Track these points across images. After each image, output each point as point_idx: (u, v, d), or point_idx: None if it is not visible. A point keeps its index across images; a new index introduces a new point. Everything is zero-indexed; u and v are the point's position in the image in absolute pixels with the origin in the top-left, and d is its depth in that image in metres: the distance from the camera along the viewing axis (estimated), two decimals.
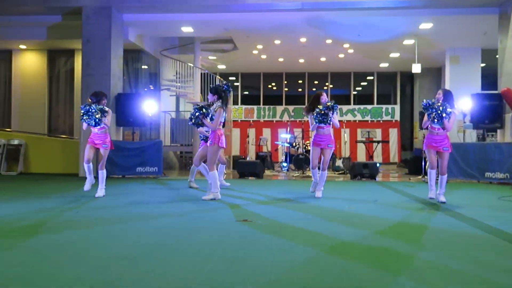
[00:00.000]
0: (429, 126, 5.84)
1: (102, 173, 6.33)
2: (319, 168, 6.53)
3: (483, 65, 14.00)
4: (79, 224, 4.17)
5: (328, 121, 6.20)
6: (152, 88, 14.12)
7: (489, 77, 13.88)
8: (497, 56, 10.16)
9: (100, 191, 6.29)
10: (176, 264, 2.75)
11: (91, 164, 6.31)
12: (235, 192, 7.26)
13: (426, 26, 11.45)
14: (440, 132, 5.77)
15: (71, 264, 2.73)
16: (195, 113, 6.01)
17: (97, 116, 6.10)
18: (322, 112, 6.14)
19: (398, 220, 4.54)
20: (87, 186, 6.28)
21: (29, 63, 13.94)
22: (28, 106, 13.74)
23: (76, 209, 5.13)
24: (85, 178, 6.37)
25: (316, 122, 6.22)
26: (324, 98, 6.33)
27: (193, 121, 6.04)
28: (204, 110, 6.01)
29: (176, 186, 7.99)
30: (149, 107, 10.42)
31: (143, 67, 13.61)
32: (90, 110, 6.09)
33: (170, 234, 3.71)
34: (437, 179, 5.84)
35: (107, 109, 6.29)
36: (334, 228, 4.03)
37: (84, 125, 6.23)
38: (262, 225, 4.15)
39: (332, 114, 6.18)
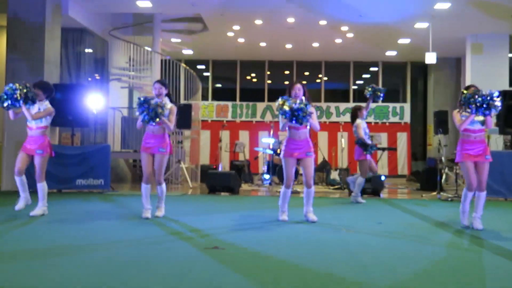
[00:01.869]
0: (463, 128, 5.67)
1: (41, 186, 6.33)
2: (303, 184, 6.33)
3: (511, 55, 14.31)
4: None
5: (306, 121, 5.73)
6: (98, 78, 13.94)
7: None
8: None
9: (39, 209, 6.32)
10: None
11: (23, 177, 6.30)
12: (204, 211, 7.23)
13: (443, 6, 11.63)
14: (478, 135, 5.69)
15: None
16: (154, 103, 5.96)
17: (24, 90, 6.02)
18: (295, 107, 5.63)
19: (414, 256, 4.48)
20: (19, 205, 6.28)
21: None
22: None
23: None
24: (13, 193, 6.27)
25: (287, 119, 5.72)
26: (299, 90, 5.98)
27: (154, 111, 5.88)
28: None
29: (128, 204, 7.88)
30: (94, 102, 10.31)
31: (87, 51, 13.42)
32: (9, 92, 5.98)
33: (118, 269, 3.68)
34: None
35: (48, 105, 6.31)
36: (322, 262, 4.05)
37: (11, 113, 6.24)
38: (236, 256, 4.15)
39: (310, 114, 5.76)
